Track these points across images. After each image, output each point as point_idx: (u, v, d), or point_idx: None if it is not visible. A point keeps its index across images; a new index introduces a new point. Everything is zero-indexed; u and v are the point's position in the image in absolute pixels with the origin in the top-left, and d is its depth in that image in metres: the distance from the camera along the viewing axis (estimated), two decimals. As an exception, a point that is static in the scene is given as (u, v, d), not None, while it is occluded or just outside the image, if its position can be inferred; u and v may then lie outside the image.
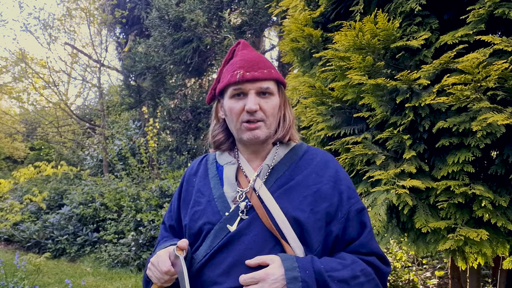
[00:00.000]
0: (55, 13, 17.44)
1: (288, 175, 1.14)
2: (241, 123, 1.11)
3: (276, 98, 1.14)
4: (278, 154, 1.18)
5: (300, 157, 1.19)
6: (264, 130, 1.12)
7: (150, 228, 5.59)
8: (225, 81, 1.14)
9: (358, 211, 1.13)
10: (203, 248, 1.10)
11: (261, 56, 1.19)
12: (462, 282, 2.81)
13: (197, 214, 1.15)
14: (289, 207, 1.07)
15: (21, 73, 10.21)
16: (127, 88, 8.34)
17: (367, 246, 1.10)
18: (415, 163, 1.85)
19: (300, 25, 2.39)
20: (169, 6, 6.69)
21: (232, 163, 1.19)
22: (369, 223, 1.14)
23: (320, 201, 1.09)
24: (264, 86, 1.11)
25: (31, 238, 6.57)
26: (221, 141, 1.22)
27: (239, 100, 1.11)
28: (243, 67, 1.12)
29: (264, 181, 1.13)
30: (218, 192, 1.15)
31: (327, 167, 1.16)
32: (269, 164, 1.15)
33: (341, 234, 1.10)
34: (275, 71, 1.16)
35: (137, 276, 5.15)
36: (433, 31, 1.89)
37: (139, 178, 7.32)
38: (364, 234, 1.11)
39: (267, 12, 5.93)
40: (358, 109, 2.14)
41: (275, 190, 1.11)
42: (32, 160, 13.08)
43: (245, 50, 1.19)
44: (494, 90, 1.63)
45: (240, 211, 1.09)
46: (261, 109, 1.10)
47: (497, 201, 1.71)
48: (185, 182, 1.28)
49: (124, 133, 9.29)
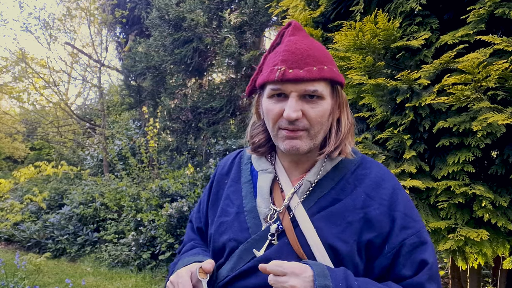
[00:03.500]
0: (55, 13, 17.44)
1: (334, 195, 0.94)
2: (278, 129, 0.93)
3: (327, 103, 0.92)
4: (324, 167, 0.97)
5: (352, 171, 0.98)
6: (307, 141, 0.92)
7: (150, 228, 5.59)
8: (264, 77, 0.94)
9: (415, 245, 0.90)
10: (225, 268, 0.97)
11: (314, 46, 0.94)
12: (462, 282, 2.81)
13: (223, 226, 1.00)
14: (329, 235, 0.89)
15: (21, 73, 10.20)
16: (127, 88, 8.34)
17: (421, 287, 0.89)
18: (415, 163, 1.85)
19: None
20: (169, 6, 6.69)
21: (268, 171, 1.02)
22: (432, 260, 0.90)
23: (366, 231, 0.90)
24: (311, 89, 0.89)
25: (31, 238, 6.57)
26: (261, 143, 1.02)
27: (278, 101, 0.91)
28: (286, 61, 0.90)
29: (302, 200, 0.95)
30: (250, 204, 0.99)
31: (381, 187, 0.95)
32: (311, 180, 0.96)
33: (387, 272, 0.91)
34: (330, 67, 0.92)
35: (137, 276, 5.15)
36: (433, 31, 1.89)
37: (139, 178, 7.33)
38: (422, 273, 0.89)
39: (267, 12, 5.93)
40: (358, 109, 2.14)
41: (314, 213, 0.93)
42: (32, 160, 13.07)
43: (295, 36, 0.95)
44: (494, 90, 1.63)
45: (270, 234, 0.92)
46: (305, 116, 0.89)
47: (497, 201, 1.71)
48: (215, 182, 1.13)
49: (124, 133, 9.29)
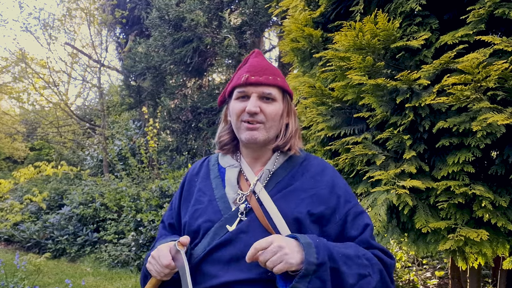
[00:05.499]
0: (55, 13, 17.49)
1: (288, 180, 1.18)
2: (241, 121, 1.16)
3: (279, 105, 1.18)
4: (278, 160, 1.22)
5: (300, 163, 1.23)
6: (263, 133, 1.16)
7: (150, 228, 5.59)
8: (233, 83, 1.21)
9: (357, 213, 1.15)
10: (202, 244, 1.14)
11: (271, 65, 1.24)
12: (462, 282, 2.81)
13: (198, 212, 1.19)
14: (287, 209, 1.11)
15: (21, 73, 10.21)
16: (127, 88, 8.34)
17: (367, 242, 1.12)
18: (415, 163, 1.85)
19: (300, 25, 2.39)
20: (169, 6, 6.69)
21: (234, 166, 1.24)
22: (371, 224, 1.16)
23: (317, 204, 1.12)
24: (267, 91, 1.15)
25: (31, 238, 6.57)
26: (226, 142, 1.26)
27: (242, 101, 1.17)
28: (250, 71, 1.18)
29: (264, 185, 1.17)
30: (220, 192, 1.20)
31: (324, 174, 1.21)
32: (270, 169, 1.20)
33: (340, 235, 1.12)
34: (282, 80, 1.21)
35: (137, 276, 5.14)
36: (433, 31, 1.89)
37: (139, 178, 7.32)
38: (365, 232, 1.13)
39: (267, 12, 5.93)
40: (358, 109, 2.14)
41: (274, 194, 1.15)
42: (32, 160, 13.06)
43: (257, 58, 1.25)
44: (494, 90, 1.63)
45: (240, 213, 1.13)
46: (262, 112, 1.15)
47: (497, 201, 1.71)
48: (186, 181, 1.33)
49: (124, 133, 9.29)
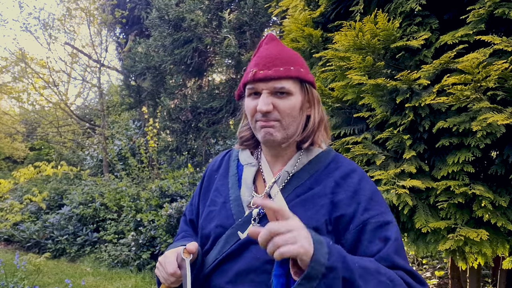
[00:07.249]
0: (55, 13, 17.47)
1: (309, 185, 1.06)
2: (255, 121, 1.06)
3: (295, 98, 1.04)
4: (301, 160, 1.09)
5: (325, 166, 1.09)
6: (280, 131, 1.04)
7: (150, 228, 5.58)
8: (243, 80, 1.10)
9: (380, 224, 0.99)
10: (213, 253, 1.07)
11: (284, 51, 1.08)
12: (462, 282, 2.81)
13: (211, 215, 1.12)
14: (304, 218, 0.94)
15: (21, 73, 10.20)
16: (127, 88, 8.33)
17: (389, 260, 0.94)
18: (415, 163, 1.85)
19: (300, 25, 2.39)
20: (169, 6, 6.69)
21: (252, 164, 1.14)
22: (395, 237, 0.98)
23: (335, 211, 1.00)
24: (278, 86, 1.02)
25: (31, 238, 6.57)
26: (247, 137, 1.17)
27: (255, 99, 1.06)
28: (258, 64, 1.05)
29: (281, 188, 1.06)
30: (234, 194, 1.11)
31: (350, 177, 1.07)
32: (289, 171, 1.08)
33: (353, 248, 0.98)
34: (297, 68, 1.05)
35: (137, 276, 5.14)
36: (433, 31, 1.89)
37: (139, 178, 7.32)
38: (387, 247, 0.95)
39: (267, 12, 5.93)
40: (358, 109, 2.14)
41: (292, 199, 1.04)
42: (32, 160, 13.05)
43: (269, 44, 1.10)
44: (494, 90, 1.64)
45: (253, 219, 1.03)
46: (276, 109, 1.03)
47: (497, 201, 1.71)
48: (206, 177, 1.25)
49: (124, 133, 9.29)
